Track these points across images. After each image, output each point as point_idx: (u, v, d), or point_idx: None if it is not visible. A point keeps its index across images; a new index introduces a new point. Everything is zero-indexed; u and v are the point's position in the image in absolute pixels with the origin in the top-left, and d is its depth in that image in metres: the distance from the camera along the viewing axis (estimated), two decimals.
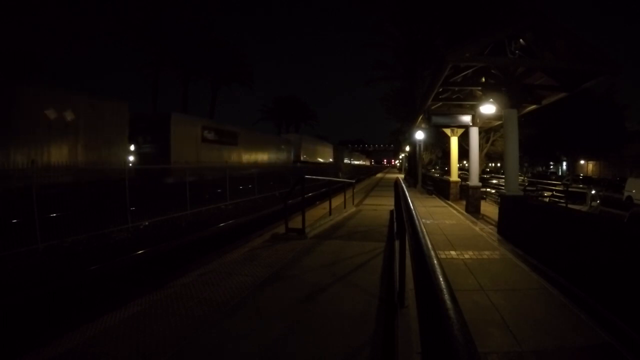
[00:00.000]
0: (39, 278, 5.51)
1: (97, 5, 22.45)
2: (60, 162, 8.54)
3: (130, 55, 57.24)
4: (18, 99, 8.06)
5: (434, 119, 10.42)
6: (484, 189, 12.52)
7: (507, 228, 6.25)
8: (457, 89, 9.55)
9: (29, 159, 7.63)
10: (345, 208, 9.38)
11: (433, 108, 10.58)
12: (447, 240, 5.92)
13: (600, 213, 10.57)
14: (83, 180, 8.54)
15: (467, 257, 4.90)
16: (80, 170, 9.00)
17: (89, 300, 4.76)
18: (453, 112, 10.36)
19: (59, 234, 6.95)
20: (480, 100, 8.63)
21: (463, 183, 12.50)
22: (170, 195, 10.69)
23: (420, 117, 13.22)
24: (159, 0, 24.95)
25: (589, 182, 21.65)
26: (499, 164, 37.24)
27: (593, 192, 10.58)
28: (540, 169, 42.91)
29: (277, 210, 11.97)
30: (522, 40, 6.56)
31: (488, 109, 7.92)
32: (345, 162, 51.20)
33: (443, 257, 4.86)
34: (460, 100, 10.21)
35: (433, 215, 8.88)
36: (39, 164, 7.51)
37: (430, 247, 1.29)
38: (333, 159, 42.60)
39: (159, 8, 24.95)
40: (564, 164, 39.43)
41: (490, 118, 9.51)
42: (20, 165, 7.48)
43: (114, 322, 2.82)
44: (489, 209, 10.08)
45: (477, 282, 3.87)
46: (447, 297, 0.82)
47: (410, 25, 23.00)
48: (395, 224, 5.56)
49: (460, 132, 12.14)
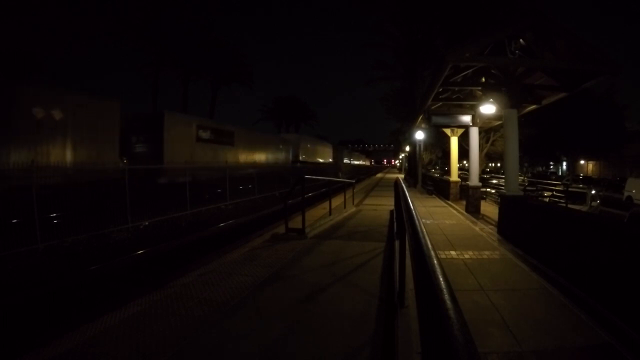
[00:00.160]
0: (39, 278, 5.51)
1: (97, 5, 22.45)
2: (47, 162, 8.06)
3: (130, 55, 57.17)
4: None
5: (434, 119, 10.43)
6: (484, 189, 12.52)
7: (507, 228, 6.25)
8: (457, 89, 9.55)
9: (13, 160, 7.34)
10: (345, 208, 9.38)
11: (433, 108, 10.58)
12: (447, 240, 5.92)
13: (600, 213, 10.57)
14: (72, 182, 8.20)
15: (467, 257, 4.90)
16: (70, 171, 8.63)
17: (89, 300, 4.76)
18: (453, 112, 10.37)
19: (59, 234, 6.96)
20: (480, 100, 8.64)
21: (463, 183, 12.50)
22: (165, 196, 10.59)
23: (420, 117, 13.22)
24: (159, 0, 24.94)
25: (589, 182, 21.65)
26: (499, 164, 37.26)
27: (593, 192, 10.58)
28: (540, 169, 42.91)
29: (277, 210, 11.98)
30: (522, 40, 6.56)
31: (488, 109, 7.92)
32: (345, 162, 50.95)
33: (443, 257, 4.87)
34: (460, 100, 10.21)
35: (433, 215, 8.88)
36: (24, 165, 7.17)
37: (430, 247, 1.29)
38: (333, 159, 42.34)
39: (159, 8, 24.93)
40: (564, 164, 39.43)
41: (490, 118, 9.51)
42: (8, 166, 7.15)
43: (114, 322, 2.82)
44: (489, 209, 10.08)
45: (477, 282, 3.87)
46: (447, 297, 0.82)
47: (410, 25, 23.00)
48: (395, 224, 5.56)
49: (460, 132, 12.15)
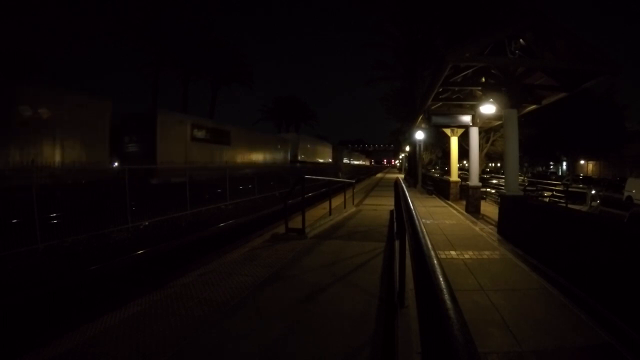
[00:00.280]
0: (39, 278, 5.51)
1: (97, 5, 22.48)
2: (29, 162, 7.76)
3: (130, 55, 57.19)
4: None
5: (434, 119, 10.42)
6: (484, 189, 12.52)
7: (507, 228, 6.25)
8: (457, 89, 9.55)
9: None
10: (345, 208, 9.38)
11: (433, 108, 10.58)
12: (447, 240, 5.92)
13: (600, 213, 10.57)
14: (59, 183, 7.92)
15: (467, 257, 4.90)
16: (58, 172, 8.34)
17: (89, 300, 4.77)
18: (453, 112, 10.36)
19: (59, 234, 6.96)
20: (480, 100, 8.63)
21: (463, 183, 12.50)
22: (165, 197, 10.55)
23: (420, 117, 13.21)
24: (159, 0, 24.94)
25: (589, 182, 21.64)
26: (499, 164, 37.25)
27: (593, 192, 10.57)
28: (540, 169, 42.90)
29: (277, 210, 11.98)
30: (522, 40, 6.56)
31: (488, 109, 7.92)
32: (345, 162, 50.92)
33: (443, 257, 4.86)
34: (460, 100, 10.21)
35: (433, 215, 8.88)
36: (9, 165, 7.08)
37: (430, 247, 1.29)
38: (332, 159, 42.26)
39: (159, 8, 24.93)
40: (564, 164, 39.42)
41: (490, 118, 9.51)
42: None
43: (114, 322, 2.82)
44: (489, 209, 10.08)
45: (477, 282, 3.87)
46: (447, 297, 0.82)
47: (410, 25, 23.00)
48: (395, 224, 5.56)
49: (460, 132, 12.15)
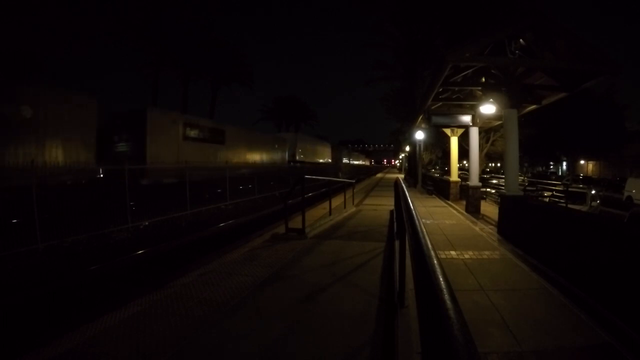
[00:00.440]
0: (39, 278, 5.51)
1: (97, 5, 22.49)
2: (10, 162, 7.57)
3: (130, 55, 57.30)
4: None
5: (434, 119, 10.42)
6: (484, 189, 12.52)
7: (507, 228, 6.25)
8: (457, 89, 9.54)
9: None
10: (345, 208, 9.37)
11: (433, 108, 10.58)
12: (447, 240, 5.92)
13: (600, 213, 10.57)
14: (43, 184, 7.43)
15: (467, 257, 4.90)
16: (40, 172, 7.82)
17: (89, 300, 4.77)
18: (453, 112, 10.36)
19: (60, 234, 6.96)
20: (480, 100, 8.63)
21: (463, 183, 12.50)
22: (165, 197, 10.46)
23: (420, 117, 13.21)
24: (159, 0, 24.94)
25: (589, 182, 21.65)
26: (499, 164, 37.25)
27: (593, 192, 10.57)
28: (540, 169, 42.90)
29: (277, 210, 11.98)
30: (522, 40, 6.55)
31: (488, 109, 7.92)
32: (344, 162, 50.85)
33: (443, 257, 4.86)
34: (460, 100, 10.20)
35: (433, 215, 8.87)
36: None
37: (430, 247, 1.29)
38: (331, 159, 42.08)
39: (159, 8, 24.94)
40: (564, 164, 39.42)
41: (490, 118, 9.51)
42: None
43: (114, 322, 2.82)
44: (489, 209, 10.08)
45: (477, 282, 3.87)
46: (447, 297, 0.82)
47: (410, 25, 23.00)
48: (395, 224, 5.56)
49: (460, 132, 12.15)
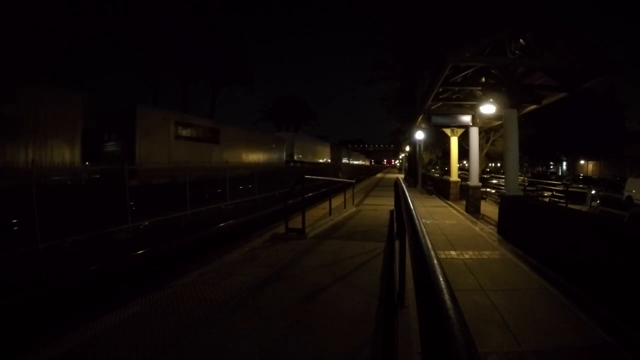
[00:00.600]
0: (39, 278, 5.51)
1: (97, 5, 22.47)
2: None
3: (130, 55, 57.27)
4: None
5: (434, 119, 10.42)
6: (484, 189, 12.52)
7: (507, 228, 6.25)
8: (457, 89, 9.54)
9: None
10: (345, 208, 9.37)
11: (433, 108, 10.58)
12: (447, 240, 5.92)
13: (600, 213, 10.57)
14: (22, 186, 6.98)
15: (467, 257, 4.90)
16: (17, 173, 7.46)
17: (89, 300, 4.77)
18: (453, 112, 10.36)
19: (60, 234, 6.96)
20: (480, 100, 8.63)
21: (463, 183, 12.50)
22: (164, 197, 10.44)
23: (420, 117, 13.21)
24: (159, 0, 24.94)
25: (589, 182, 21.65)
26: (499, 164, 37.24)
27: (593, 192, 10.57)
28: (540, 169, 42.89)
29: (277, 210, 11.98)
30: (522, 40, 6.55)
31: (488, 109, 7.92)
32: (344, 162, 50.72)
33: (443, 257, 4.86)
34: (460, 100, 10.21)
35: (433, 215, 8.87)
36: None
37: (430, 247, 1.29)
38: (331, 159, 41.88)
39: (159, 8, 24.94)
40: (564, 164, 39.42)
41: (490, 118, 9.51)
42: None
43: (114, 322, 2.82)
44: (489, 209, 10.08)
45: (477, 282, 3.87)
46: (447, 297, 0.82)
47: (410, 25, 22.99)
48: (395, 224, 5.56)
49: (460, 132, 12.15)
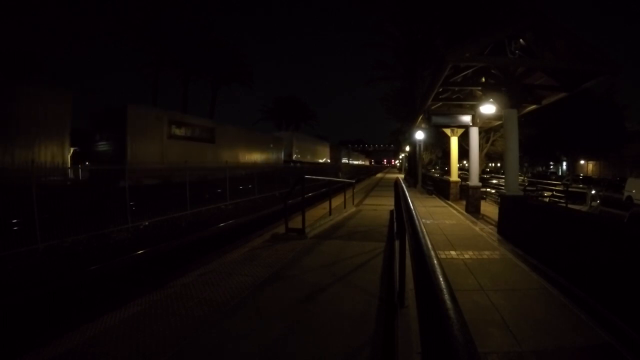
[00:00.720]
0: (39, 278, 5.51)
1: (97, 5, 22.45)
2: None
3: (130, 55, 57.32)
4: None
5: (434, 119, 10.42)
6: (484, 189, 12.51)
7: (507, 228, 6.25)
8: (457, 89, 9.54)
9: None
10: (345, 208, 9.37)
11: (433, 108, 10.58)
12: (447, 240, 5.92)
13: (600, 213, 10.57)
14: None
15: (467, 257, 4.90)
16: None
17: (89, 300, 4.77)
18: (453, 112, 10.36)
19: (60, 234, 6.96)
20: (480, 100, 8.63)
21: (463, 183, 12.50)
22: (163, 197, 10.42)
23: (420, 117, 13.21)
24: (159, 0, 24.94)
25: (589, 182, 21.65)
26: (499, 164, 37.25)
27: (593, 192, 10.57)
28: (540, 169, 42.89)
29: (277, 210, 11.98)
30: (522, 40, 6.55)
31: (488, 109, 7.92)
32: (344, 162, 50.62)
33: (443, 257, 4.86)
34: (460, 100, 10.21)
35: (433, 215, 8.87)
36: None
37: (430, 247, 1.29)
38: (330, 159, 41.74)
39: (159, 8, 24.94)
40: (564, 164, 39.41)
41: (490, 118, 9.51)
42: None
43: (114, 322, 2.82)
44: (489, 209, 10.08)
45: (477, 282, 3.87)
46: (447, 297, 0.82)
47: (410, 25, 22.99)
48: (395, 224, 5.56)
49: (460, 132, 12.15)
